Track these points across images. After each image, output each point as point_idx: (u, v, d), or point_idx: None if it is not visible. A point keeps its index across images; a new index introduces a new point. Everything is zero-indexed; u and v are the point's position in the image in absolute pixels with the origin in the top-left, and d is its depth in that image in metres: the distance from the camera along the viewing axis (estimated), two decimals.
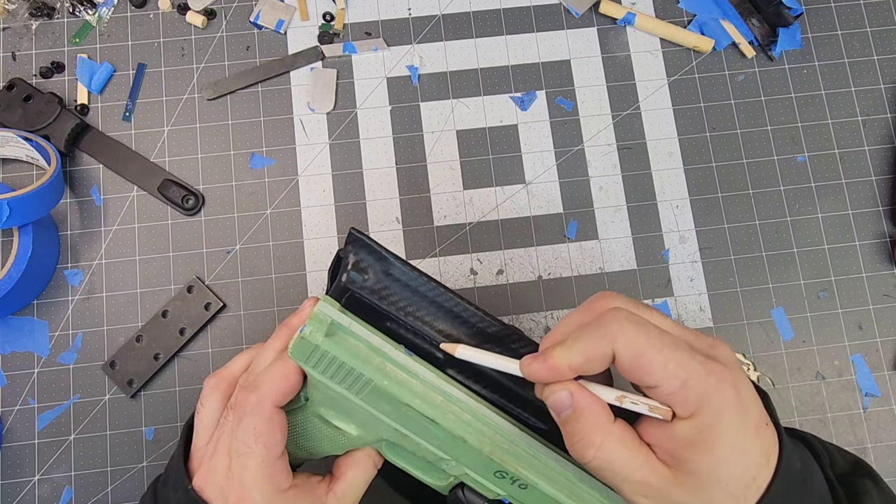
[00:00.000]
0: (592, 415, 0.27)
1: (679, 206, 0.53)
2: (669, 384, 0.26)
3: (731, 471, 0.26)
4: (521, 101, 0.54)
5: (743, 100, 0.54)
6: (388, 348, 0.33)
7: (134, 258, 0.51)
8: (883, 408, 0.50)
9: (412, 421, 0.33)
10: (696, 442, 0.26)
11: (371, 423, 0.34)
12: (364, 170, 0.53)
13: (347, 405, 0.33)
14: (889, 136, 0.54)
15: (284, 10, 0.54)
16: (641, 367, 0.26)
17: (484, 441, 0.32)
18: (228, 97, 0.53)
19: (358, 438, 0.35)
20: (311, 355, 0.32)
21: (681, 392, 0.26)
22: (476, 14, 0.55)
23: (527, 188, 0.53)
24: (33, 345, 0.49)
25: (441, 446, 0.33)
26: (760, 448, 0.27)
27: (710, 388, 0.26)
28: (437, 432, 0.33)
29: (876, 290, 0.52)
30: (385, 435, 0.34)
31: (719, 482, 0.26)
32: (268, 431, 0.31)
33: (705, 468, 0.26)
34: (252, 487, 0.31)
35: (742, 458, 0.26)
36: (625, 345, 0.26)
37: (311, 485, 0.33)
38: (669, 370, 0.26)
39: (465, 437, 0.32)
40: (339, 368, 0.32)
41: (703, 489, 0.26)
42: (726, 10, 0.56)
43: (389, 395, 0.32)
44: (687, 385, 0.26)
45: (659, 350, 0.26)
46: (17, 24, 0.54)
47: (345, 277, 0.33)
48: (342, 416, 0.34)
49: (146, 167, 0.52)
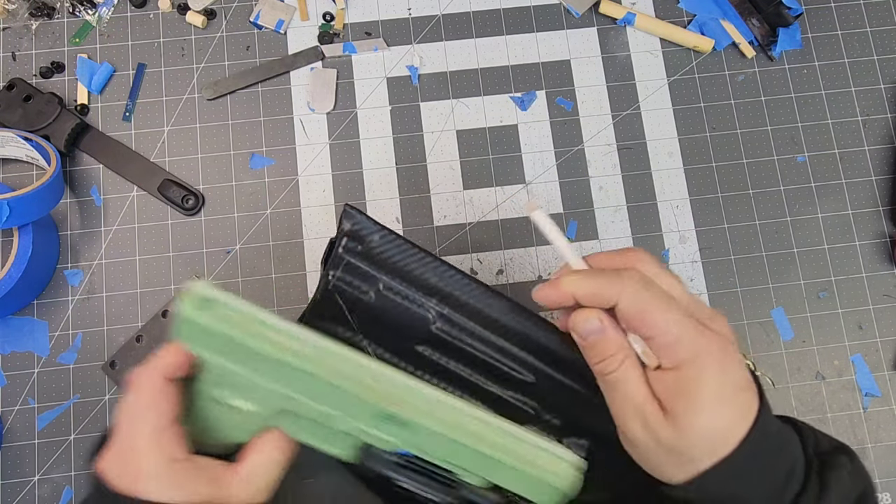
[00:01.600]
0: (619, 339, 0.32)
1: (679, 206, 0.53)
2: (663, 338, 0.30)
3: (708, 421, 0.30)
4: (521, 101, 0.54)
5: (743, 100, 0.54)
6: (262, 313, 0.34)
7: (134, 258, 0.51)
8: (883, 408, 0.50)
9: (293, 380, 0.34)
10: (679, 390, 0.30)
11: (261, 395, 0.35)
12: (364, 170, 0.53)
13: (235, 379, 0.35)
14: (889, 136, 0.54)
15: (284, 10, 0.54)
16: (643, 321, 0.30)
17: (361, 383, 0.34)
18: (228, 97, 0.53)
19: (255, 415, 0.35)
20: (189, 331, 0.34)
21: (672, 346, 0.30)
22: (476, 14, 0.55)
23: (527, 188, 0.53)
24: (33, 345, 0.49)
25: (326, 400, 0.34)
26: (738, 408, 0.30)
27: (698, 348, 0.30)
28: (317, 385, 0.34)
29: (876, 290, 0.52)
30: (278, 404, 0.35)
31: (697, 430, 0.30)
32: (157, 400, 0.33)
33: (685, 414, 0.30)
34: (144, 454, 0.32)
35: (719, 412, 0.30)
36: (630, 301, 0.30)
37: (211, 464, 0.34)
38: (665, 327, 0.30)
39: (340, 383, 0.34)
40: (218, 340, 0.34)
41: (684, 433, 0.30)
42: (726, 10, 0.56)
43: (266, 356, 0.33)
44: (678, 341, 0.30)
45: (660, 310, 0.30)
46: (17, 24, 0.54)
47: (342, 244, 0.37)
48: (234, 392, 0.35)
49: (146, 167, 0.52)
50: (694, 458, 0.30)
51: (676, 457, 0.31)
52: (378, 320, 0.38)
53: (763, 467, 0.30)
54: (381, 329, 0.38)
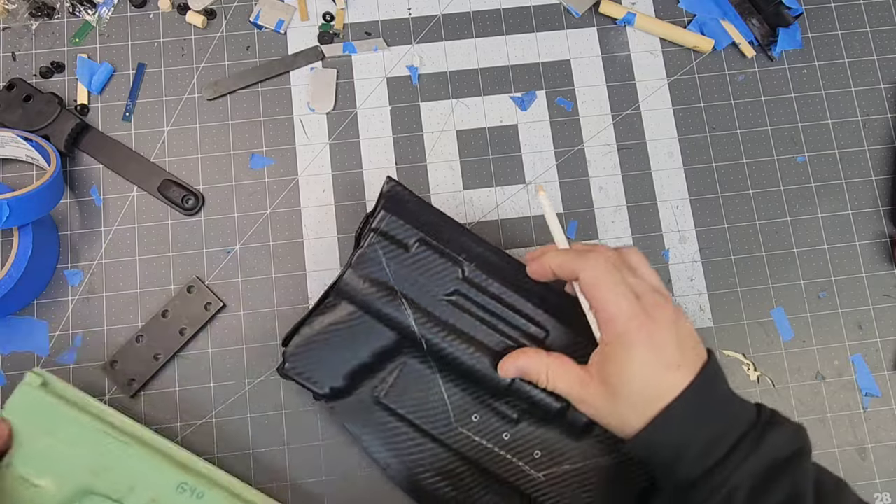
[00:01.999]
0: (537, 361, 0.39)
1: (679, 206, 0.53)
2: (602, 314, 0.37)
3: (635, 391, 0.35)
4: (521, 101, 0.54)
5: (743, 100, 0.54)
6: (90, 399, 0.44)
7: (134, 258, 0.51)
8: (883, 408, 0.50)
9: (109, 452, 0.42)
10: (610, 361, 0.36)
11: (68, 473, 0.42)
12: (364, 170, 0.53)
13: (48, 457, 0.42)
14: (889, 136, 0.54)
15: (284, 10, 0.54)
16: (592, 295, 0.37)
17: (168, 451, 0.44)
18: (228, 97, 0.53)
19: (57, 493, 0.42)
20: (24, 406, 0.42)
21: (608, 322, 0.36)
22: (476, 14, 0.55)
23: (527, 188, 0.53)
24: (33, 345, 0.49)
25: (132, 472, 0.42)
26: (666, 382, 0.35)
27: (630, 328, 0.36)
28: (131, 454, 0.42)
29: (876, 290, 0.52)
30: (82, 481, 0.42)
31: (625, 398, 0.36)
32: None
33: (615, 385, 0.36)
34: None
35: (645, 385, 0.35)
36: (586, 276, 0.37)
37: None
38: (605, 304, 0.36)
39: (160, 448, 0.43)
40: (49, 414, 0.42)
41: (614, 398, 0.36)
42: (726, 10, 0.56)
43: (92, 428, 0.42)
44: (613, 319, 0.36)
45: (607, 289, 0.36)
46: (17, 24, 0.54)
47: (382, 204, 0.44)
48: (42, 471, 0.42)
49: (146, 167, 0.52)
50: (628, 422, 0.36)
51: (615, 419, 0.37)
52: (411, 272, 0.43)
53: (690, 428, 0.35)
54: (413, 280, 0.43)
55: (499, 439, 0.44)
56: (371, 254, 0.43)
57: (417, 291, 0.43)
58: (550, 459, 0.44)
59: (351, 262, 0.43)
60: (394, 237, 0.43)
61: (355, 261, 0.43)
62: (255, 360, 0.49)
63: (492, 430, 0.44)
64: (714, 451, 0.34)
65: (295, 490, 0.48)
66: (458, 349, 0.42)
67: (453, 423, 0.44)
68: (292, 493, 0.48)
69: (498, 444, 0.44)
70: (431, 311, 0.43)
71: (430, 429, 0.44)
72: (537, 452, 0.44)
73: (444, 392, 0.44)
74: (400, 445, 0.44)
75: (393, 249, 0.43)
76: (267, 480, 0.47)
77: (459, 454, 0.44)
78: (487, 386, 0.43)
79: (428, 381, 0.44)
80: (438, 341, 0.42)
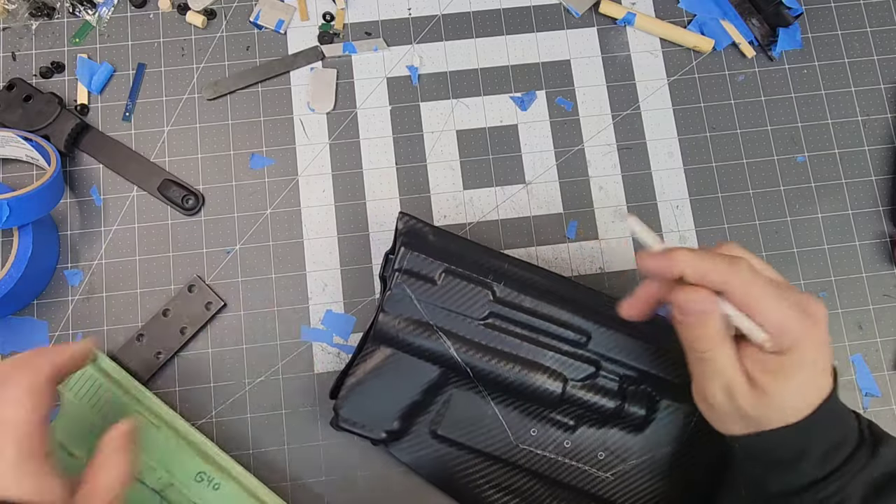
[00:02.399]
0: (719, 323, 0.34)
1: (679, 206, 0.53)
2: (770, 326, 0.33)
3: (792, 397, 0.33)
4: (521, 101, 0.54)
5: (743, 100, 0.54)
6: (132, 380, 0.46)
7: (134, 258, 0.51)
8: (883, 408, 0.50)
9: (141, 434, 0.43)
10: (777, 372, 0.33)
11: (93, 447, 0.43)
12: (364, 170, 0.53)
13: (87, 430, 0.43)
14: (889, 136, 0.54)
15: (284, 10, 0.54)
16: (752, 308, 0.33)
17: (196, 443, 0.45)
18: (228, 97, 0.53)
19: None
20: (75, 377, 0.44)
21: (777, 334, 0.33)
22: (476, 14, 0.55)
23: (527, 188, 0.53)
24: (33, 345, 0.49)
25: (158, 455, 0.44)
26: (818, 388, 0.34)
27: (800, 336, 0.33)
28: (160, 438, 0.44)
29: (876, 290, 0.52)
30: None
31: (780, 403, 0.33)
32: (44, 390, 0.33)
33: (775, 391, 0.33)
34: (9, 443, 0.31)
35: (803, 391, 0.33)
36: (742, 289, 0.33)
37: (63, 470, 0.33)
38: (772, 316, 0.33)
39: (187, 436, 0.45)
40: (95, 389, 0.44)
41: (767, 406, 0.34)
42: (726, 10, 0.56)
43: (131, 408, 0.44)
44: (783, 331, 0.33)
45: (768, 300, 0.33)
46: (17, 24, 0.54)
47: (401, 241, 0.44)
48: (79, 442, 0.43)
49: (146, 167, 0.52)
50: (763, 422, 0.34)
51: (748, 420, 0.34)
52: (443, 304, 0.43)
53: (821, 431, 0.34)
54: (446, 312, 0.43)
55: (560, 448, 0.44)
56: (399, 294, 0.43)
57: (453, 322, 0.43)
58: (615, 458, 0.44)
59: (381, 306, 0.43)
60: (419, 273, 0.43)
61: (385, 304, 0.43)
62: (255, 360, 0.49)
63: (552, 440, 0.44)
64: (834, 458, 0.34)
65: (295, 490, 0.48)
66: (504, 370, 0.42)
67: (513, 441, 0.44)
68: (292, 493, 0.48)
69: (560, 452, 0.44)
70: (471, 339, 0.43)
71: (492, 451, 0.44)
72: (601, 453, 0.44)
73: (498, 413, 0.45)
74: (465, 472, 0.45)
75: (420, 285, 0.43)
76: (267, 480, 0.46)
77: (525, 469, 0.44)
78: (540, 399, 0.43)
79: (480, 406, 0.45)
80: (483, 366, 0.42)
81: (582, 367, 0.43)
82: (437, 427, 0.45)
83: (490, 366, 0.42)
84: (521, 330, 0.43)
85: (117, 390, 0.45)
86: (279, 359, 0.50)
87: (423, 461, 0.45)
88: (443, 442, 0.45)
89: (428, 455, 0.45)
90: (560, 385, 0.43)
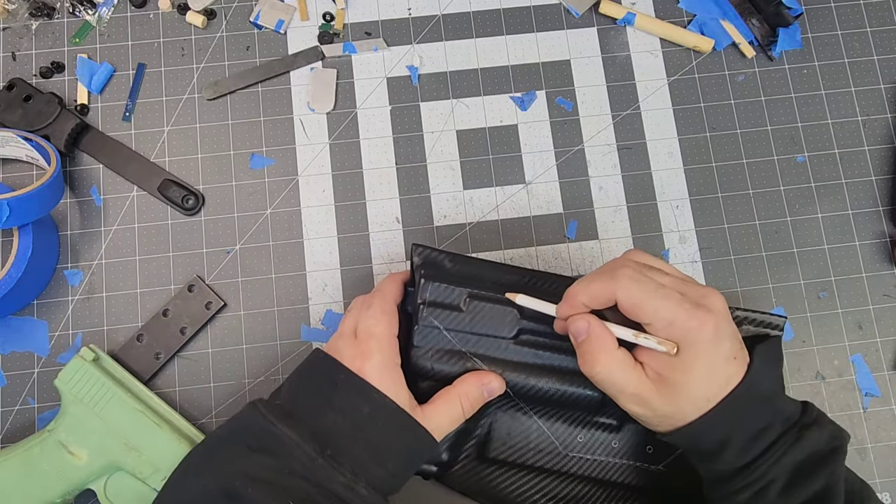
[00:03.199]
0: (602, 340, 0.36)
1: (679, 206, 0.53)
2: (658, 324, 0.35)
3: (699, 388, 0.35)
4: (521, 101, 0.54)
5: (743, 100, 0.54)
6: (134, 380, 0.47)
7: (134, 258, 0.51)
8: (883, 408, 0.50)
9: (143, 432, 0.45)
10: (674, 368, 0.35)
11: (104, 447, 0.44)
12: (364, 170, 0.53)
13: (89, 429, 0.44)
14: (889, 136, 0.54)
15: (284, 10, 0.54)
16: (637, 312, 0.35)
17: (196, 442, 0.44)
18: (228, 97, 0.53)
19: (89, 465, 0.44)
20: (75, 377, 0.45)
21: (666, 330, 0.35)
22: (476, 14, 0.55)
23: (527, 188, 0.53)
24: (33, 345, 0.49)
25: (159, 454, 0.44)
26: (725, 375, 0.35)
27: (691, 329, 0.34)
28: (162, 436, 0.45)
29: (876, 290, 0.52)
30: (113, 457, 0.44)
31: (689, 395, 0.35)
32: (392, 311, 0.41)
33: (681, 384, 0.35)
34: (378, 346, 0.39)
35: (709, 380, 0.35)
36: (624, 295, 0.35)
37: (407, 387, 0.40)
38: (658, 314, 0.34)
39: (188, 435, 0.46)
40: (97, 388, 0.45)
41: (676, 400, 0.35)
42: (726, 10, 0.56)
43: (130, 406, 0.45)
44: (672, 325, 0.34)
45: (652, 299, 0.35)
46: (17, 24, 0.54)
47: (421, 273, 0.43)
48: (81, 442, 0.44)
49: (146, 167, 0.52)
50: (682, 417, 0.36)
51: (669, 419, 0.36)
52: (472, 329, 0.42)
53: (740, 419, 0.35)
54: (477, 337, 0.42)
55: (609, 449, 0.45)
56: (427, 327, 0.42)
57: (484, 345, 0.42)
58: (664, 449, 0.45)
59: (411, 341, 0.43)
60: (443, 303, 0.43)
61: (416, 339, 0.42)
62: (255, 360, 0.49)
63: (599, 443, 0.45)
64: (756, 446, 0.35)
65: None
66: (542, 383, 0.42)
67: (561, 450, 0.45)
68: None
69: (609, 453, 0.45)
70: (504, 358, 0.42)
71: (543, 464, 0.45)
72: (649, 448, 0.45)
73: (543, 426, 0.45)
74: (520, 489, 0.45)
75: (447, 315, 0.42)
76: None
77: (577, 476, 0.45)
78: (581, 406, 0.43)
79: (524, 423, 0.45)
80: (521, 383, 0.42)
81: None
82: (485, 451, 0.45)
83: (528, 382, 0.42)
84: (552, 341, 0.43)
85: (118, 389, 0.45)
86: (279, 359, 0.50)
87: (477, 487, 0.45)
88: (493, 464, 0.45)
89: (480, 480, 0.45)
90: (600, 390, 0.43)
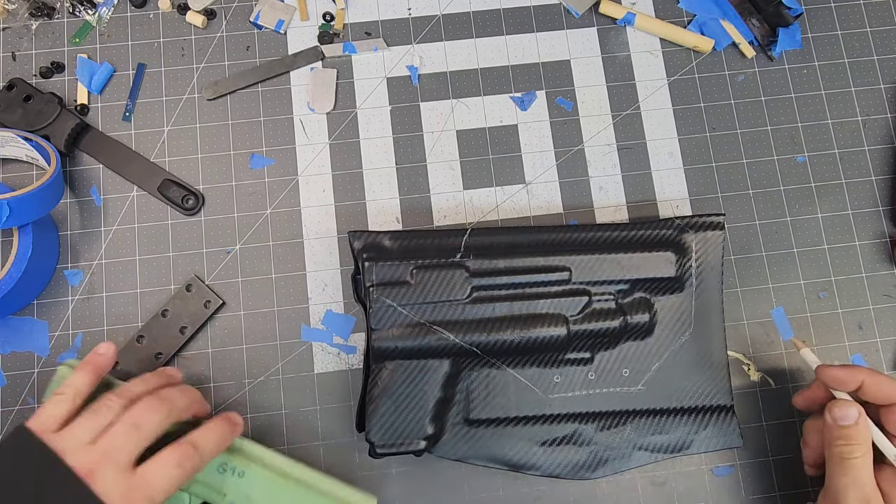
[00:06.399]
0: (867, 432, 0.40)
1: (679, 206, 0.53)
2: None
3: None
4: (521, 101, 0.54)
5: (743, 100, 0.54)
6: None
7: (134, 258, 0.51)
8: None
9: None
10: None
11: None
12: (364, 170, 0.53)
13: None
14: (889, 136, 0.54)
15: (284, 10, 0.54)
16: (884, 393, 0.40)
17: None
18: (228, 97, 0.53)
19: None
20: None
21: None
22: (476, 14, 0.55)
23: (527, 188, 0.53)
24: (33, 345, 0.49)
25: None
26: None
27: None
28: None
29: (876, 290, 0.52)
30: None
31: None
32: None
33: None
34: None
35: None
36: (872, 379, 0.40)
37: None
38: None
39: None
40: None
41: None
42: (726, 10, 0.56)
43: None
44: None
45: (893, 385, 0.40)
46: (17, 24, 0.54)
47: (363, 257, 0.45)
48: None
49: (146, 167, 0.52)
50: None
51: None
52: (425, 299, 0.44)
53: None
54: (433, 305, 0.44)
55: (587, 381, 0.46)
56: (381, 308, 0.44)
57: (441, 311, 0.44)
58: (639, 369, 0.46)
59: (369, 325, 0.44)
60: (391, 280, 0.44)
61: (372, 322, 0.44)
62: (255, 360, 0.49)
63: (576, 378, 0.46)
64: None
65: None
66: (507, 335, 0.44)
67: (542, 395, 0.46)
68: None
69: (588, 386, 0.46)
70: (465, 319, 0.44)
71: (528, 413, 0.46)
72: (625, 371, 0.46)
73: (519, 376, 0.46)
74: (511, 442, 0.46)
75: (397, 291, 0.44)
76: None
77: (564, 415, 0.46)
78: (550, 347, 0.45)
79: (499, 377, 0.46)
80: (487, 340, 0.44)
81: (575, 301, 0.45)
82: (468, 414, 0.45)
83: (493, 337, 0.44)
84: (506, 292, 0.45)
85: None
86: (279, 359, 0.50)
87: (469, 450, 0.45)
88: (479, 425, 0.46)
89: (471, 442, 0.45)
90: (563, 326, 0.45)
